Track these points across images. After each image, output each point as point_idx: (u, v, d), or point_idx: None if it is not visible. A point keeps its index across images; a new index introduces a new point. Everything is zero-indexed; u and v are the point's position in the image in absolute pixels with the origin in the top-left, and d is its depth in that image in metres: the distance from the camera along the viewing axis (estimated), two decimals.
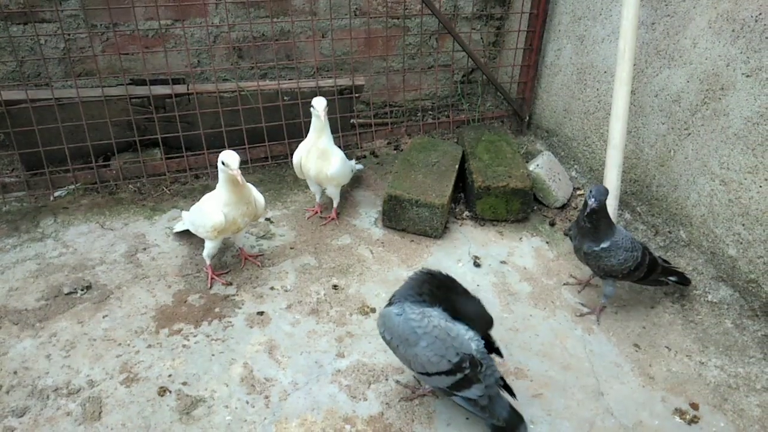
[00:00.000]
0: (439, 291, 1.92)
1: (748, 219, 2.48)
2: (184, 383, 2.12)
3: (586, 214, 2.33)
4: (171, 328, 2.34)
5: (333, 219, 2.99)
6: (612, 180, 2.77)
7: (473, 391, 1.86)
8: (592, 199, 2.28)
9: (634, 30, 2.63)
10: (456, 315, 1.90)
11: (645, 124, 2.92)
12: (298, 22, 3.40)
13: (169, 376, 2.14)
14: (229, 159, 2.29)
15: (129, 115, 2.98)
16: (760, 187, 2.41)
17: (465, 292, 1.93)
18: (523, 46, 3.62)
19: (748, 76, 2.39)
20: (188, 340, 2.29)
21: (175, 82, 3.06)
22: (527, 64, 3.64)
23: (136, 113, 3.00)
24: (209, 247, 2.51)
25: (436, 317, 1.87)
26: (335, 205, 3.03)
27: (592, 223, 2.35)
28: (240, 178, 2.28)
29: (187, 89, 3.02)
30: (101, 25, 3.12)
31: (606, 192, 2.32)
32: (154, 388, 2.09)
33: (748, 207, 2.47)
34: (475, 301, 1.93)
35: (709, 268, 2.68)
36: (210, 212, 2.41)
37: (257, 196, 2.55)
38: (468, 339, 1.87)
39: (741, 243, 2.53)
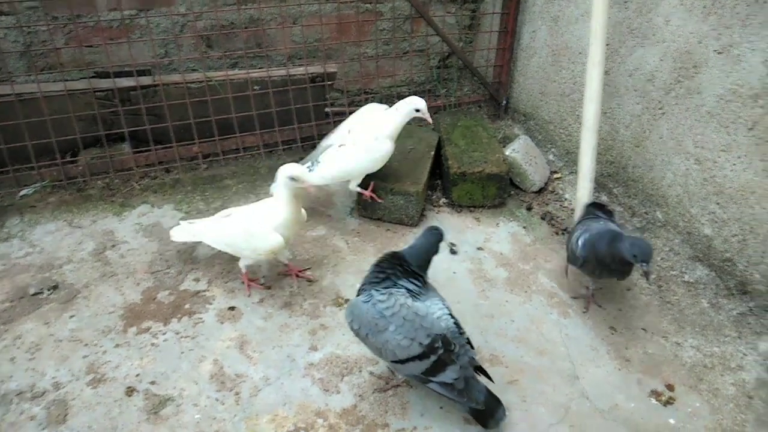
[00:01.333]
0: (396, 258, 1.93)
1: (723, 197, 2.46)
2: (152, 382, 2.07)
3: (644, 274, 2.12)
4: (139, 326, 2.29)
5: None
6: (587, 162, 2.74)
7: (449, 374, 1.83)
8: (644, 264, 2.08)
9: (606, 9, 2.58)
10: (417, 257, 1.94)
11: (620, 105, 2.88)
12: (267, 9, 3.32)
13: (137, 375, 2.09)
14: (300, 172, 2.15)
15: (94, 109, 2.90)
16: (734, 165, 2.39)
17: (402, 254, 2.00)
18: (498, 28, 3.56)
19: (719, 53, 2.35)
20: (157, 338, 2.24)
21: (142, 73, 2.98)
22: (503, 47, 3.59)
23: (101, 107, 2.92)
24: (247, 261, 2.41)
25: (402, 296, 1.84)
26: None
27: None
28: (313, 189, 2.22)
29: (153, 81, 2.94)
30: (63, 17, 3.02)
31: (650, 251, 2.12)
32: (122, 388, 2.04)
33: (723, 185, 2.45)
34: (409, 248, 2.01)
35: (685, 248, 2.67)
36: (265, 234, 2.25)
37: (302, 212, 2.41)
38: (437, 318, 1.85)
39: (716, 222, 2.51)
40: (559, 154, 3.39)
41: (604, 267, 2.23)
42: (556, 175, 3.31)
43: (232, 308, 2.38)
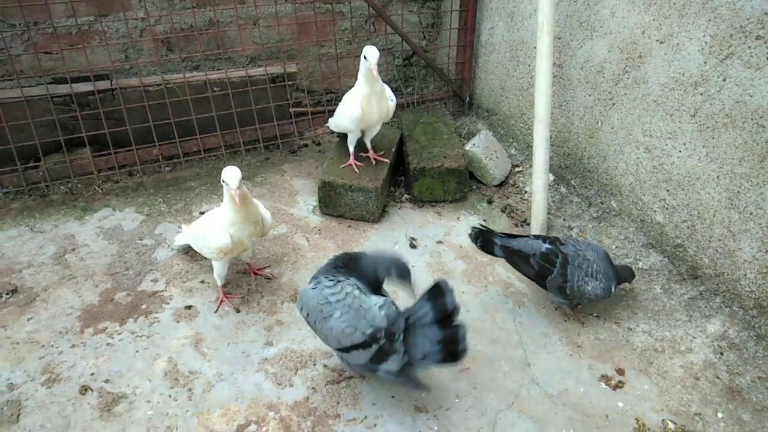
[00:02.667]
0: (351, 261, 1.95)
1: (672, 184, 2.51)
2: (107, 381, 2.08)
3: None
4: (96, 327, 2.30)
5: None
6: (540, 155, 2.78)
7: (390, 364, 1.85)
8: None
9: (552, 3, 2.63)
10: (370, 272, 1.92)
11: (573, 97, 2.93)
12: (226, 11, 3.35)
13: (92, 374, 2.11)
14: (229, 176, 2.07)
15: (53, 115, 2.91)
16: (680, 152, 2.44)
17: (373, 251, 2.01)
18: (457, 25, 3.61)
19: (661, 42, 2.41)
20: (113, 338, 2.26)
21: (99, 78, 3.00)
22: (463, 44, 3.64)
23: (59, 112, 2.93)
24: (218, 268, 2.36)
25: (350, 286, 1.87)
26: (370, 146, 3.04)
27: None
28: (239, 199, 2.08)
29: (111, 85, 2.96)
30: (20, 24, 3.04)
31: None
32: (76, 387, 2.06)
33: (671, 173, 2.50)
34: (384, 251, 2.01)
35: (639, 236, 2.71)
36: (214, 233, 2.24)
37: (264, 213, 2.35)
38: (379, 310, 1.86)
39: (667, 209, 2.56)
40: (520, 148, 3.43)
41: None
42: (517, 169, 3.35)
43: (188, 307, 2.40)
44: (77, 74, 2.98)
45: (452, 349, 1.85)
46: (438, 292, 1.86)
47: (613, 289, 2.30)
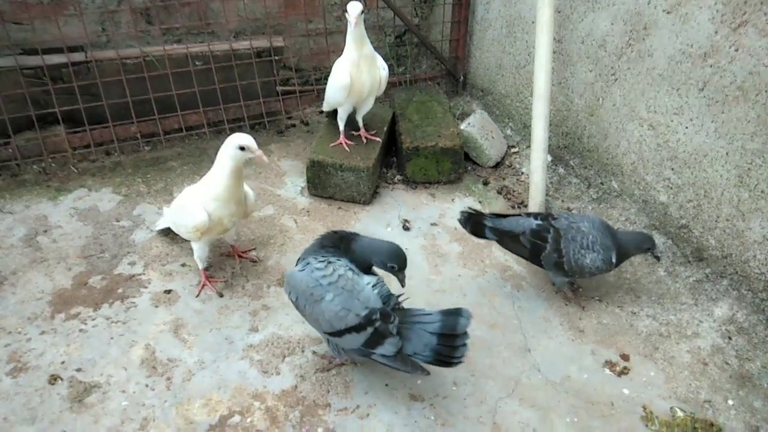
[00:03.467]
0: (342, 241, 1.82)
1: (677, 162, 2.40)
2: (78, 369, 1.94)
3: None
4: (68, 312, 2.15)
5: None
6: (539, 133, 2.66)
7: (387, 348, 1.73)
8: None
9: None
10: (363, 260, 1.81)
11: (573, 74, 2.81)
12: None
13: (62, 363, 1.96)
14: (250, 141, 1.98)
15: (23, 89, 2.73)
16: (686, 128, 2.33)
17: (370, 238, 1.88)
18: (451, 1, 3.46)
19: (668, 12, 2.28)
20: (86, 324, 2.11)
21: (74, 50, 2.82)
22: (458, 20, 3.49)
23: (30, 86, 2.75)
24: (198, 250, 2.20)
25: (342, 267, 1.74)
26: (362, 123, 2.89)
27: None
28: (265, 159, 2.05)
29: (85, 57, 2.78)
30: None
31: None
32: (45, 376, 1.91)
33: (676, 150, 2.39)
34: (382, 240, 1.87)
35: (641, 217, 2.61)
36: (192, 210, 2.07)
37: (247, 191, 2.22)
38: (372, 289, 1.75)
39: (671, 188, 2.45)
40: (516, 128, 3.31)
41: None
42: (513, 150, 3.23)
43: (168, 291, 2.25)
44: (49, 46, 2.79)
45: (444, 359, 1.73)
46: (456, 312, 1.74)
47: (613, 260, 2.13)
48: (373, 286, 1.74)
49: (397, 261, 1.80)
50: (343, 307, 1.70)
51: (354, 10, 2.46)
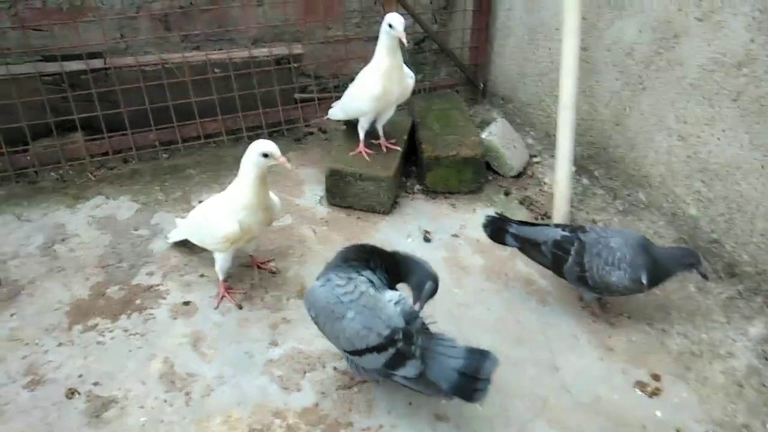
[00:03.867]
0: (367, 254, 1.78)
1: (708, 175, 2.33)
2: (96, 383, 1.90)
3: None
4: (86, 323, 2.12)
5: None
6: (565, 142, 2.59)
7: (409, 369, 1.67)
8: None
9: None
10: (392, 274, 1.78)
11: (599, 82, 2.74)
12: None
13: (80, 376, 1.92)
14: (273, 148, 1.97)
15: (42, 95, 2.71)
16: (718, 139, 2.26)
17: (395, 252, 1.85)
18: (472, 7, 3.41)
19: (700, 20, 2.22)
20: (104, 335, 2.07)
21: (92, 57, 2.80)
22: (478, 27, 3.44)
23: (49, 93, 2.73)
24: (221, 261, 2.16)
25: (364, 283, 1.69)
26: (382, 132, 2.85)
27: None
28: (289, 165, 2.04)
29: (104, 63, 2.76)
30: None
31: None
32: (62, 390, 1.87)
33: (707, 162, 2.32)
34: (413, 257, 1.84)
35: (670, 231, 2.53)
36: (222, 219, 2.05)
37: (273, 198, 2.21)
38: (395, 307, 1.70)
39: (701, 201, 2.38)
40: (538, 137, 3.25)
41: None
42: (535, 159, 3.17)
43: (186, 303, 2.21)
44: (68, 52, 2.78)
45: (462, 395, 1.67)
46: (482, 353, 1.68)
47: (643, 280, 2.02)
48: (395, 303, 1.68)
49: (434, 283, 1.80)
50: (364, 326, 1.65)
51: (400, 22, 2.41)
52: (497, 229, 2.28)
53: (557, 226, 2.23)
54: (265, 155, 1.98)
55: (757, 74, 2.06)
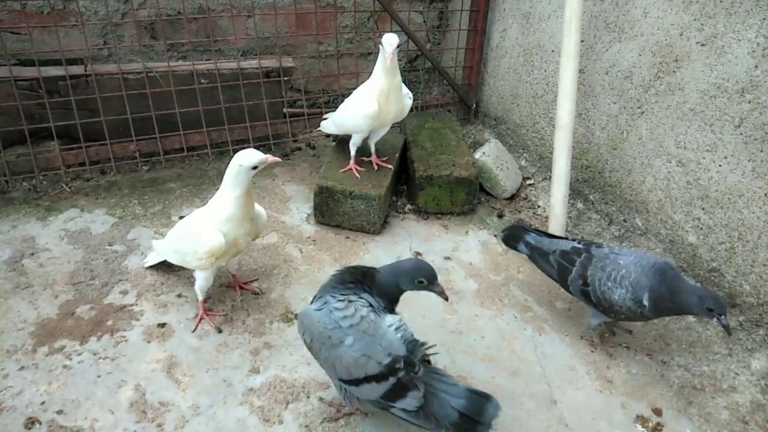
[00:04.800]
0: (366, 277, 1.65)
1: (708, 202, 2.27)
2: (60, 412, 1.74)
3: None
4: (52, 345, 1.96)
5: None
6: (561, 164, 2.53)
7: (410, 401, 1.55)
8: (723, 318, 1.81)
9: None
10: (389, 287, 1.64)
11: (595, 105, 2.69)
12: None
13: (42, 403, 1.76)
14: (258, 157, 1.88)
15: (17, 101, 2.57)
16: (720, 166, 2.20)
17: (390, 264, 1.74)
18: (467, 27, 3.37)
19: (702, 45, 2.18)
20: (71, 359, 1.92)
21: (72, 63, 2.68)
22: (472, 47, 3.40)
23: (24, 99, 2.60)
24: (202, 279, 2.03)
25: (364, 307, 1.57)
26: (374, 149, 2.77)
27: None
28: (277, 158, 1.98)
29: (85, 70, 2.64)
30: None
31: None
32: (21, 419, 1.71)
33: (708, 189, 2.26)
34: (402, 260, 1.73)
35: (668, 258, 2.46)
36: (205, 233, 1.93)
37: (259, 210, 2.10)
38: (395, 332, 1.58)
39: (701, 229, 2.32)
40: (531, 159, 3.18)
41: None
42: (528, 182, 3.10)
43: (162, 325, 2.07)
44: (47, 57, 2.65)
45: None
46: (484, 396, 1.59)
47: (645, 301, 1.89)
48: (396, 329, 1.57)
49: (424, 274, 1.62)
50: (363, 353, 1.53)
51: (391, 42, 2.34)
52: (514, 235, 2.30)
53: (574, 239, 2.18)
54: (255, 167, 1.89)
55: (761, 101, 2.02)
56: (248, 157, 1.88)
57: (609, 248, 2.07)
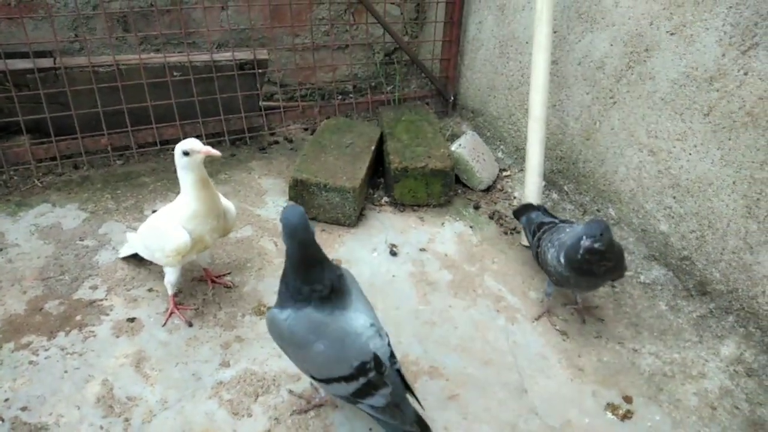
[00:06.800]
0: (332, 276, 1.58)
1: (679, 191, 2.28)
2: (24, 408, 1.72)
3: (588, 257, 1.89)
4: (18, 341, 1.93)
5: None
6: (535, 155, 2.53)
7: (378, 399, 1.55)
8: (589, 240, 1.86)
9: None
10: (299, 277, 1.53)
11: (569, 96, 2.70)
12: None
13: (6, 400, 1.74)
14: (192, 144, 1.80)
15: None
16: (690, 155, 2.22)
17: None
18: (443, 19, 3.36)
19: (672, 33, 2.19)
20: (37, 355, 1.89)
21: (41, 56, 2.64)
22: (449, 39, 3.39)
23: None
24: (170, 274, 2.01)
25: (331, 308, 1.54)
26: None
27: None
28: (215, 151, 1.80)
29: (54, 63, 2.60)
30: None
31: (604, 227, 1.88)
32: None
33: (678, 177, 2.28)
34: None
35: (640, 247, 2.48)
36: (170, 231, 1.91)
37: (227, 205, 2.05)
38: (368, 334, 1.56)
39: (672, 217, 2.33)
40: (508, 151, 3.19)
41: (588, 273, 1.96)
42: (505, 173, 3.10)
43: (131, 320, 2.05)
44: (14, 50, 2.61)
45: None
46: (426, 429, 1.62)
47: (561, 258, 1.97)
48: (368, 328, 1.55)
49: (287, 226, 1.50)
50: (334, 355, 1.51)
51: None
52: (523, 208, 2.47)
53: (563, 221, 2.27)
54: (186, 153, 1.83)
55: (728, 89, 2.03)
56: (182, 143, 1.84)
57: (575, 223, 2.19)
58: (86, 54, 2.82)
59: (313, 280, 1.52)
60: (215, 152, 1.82)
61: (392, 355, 1.61)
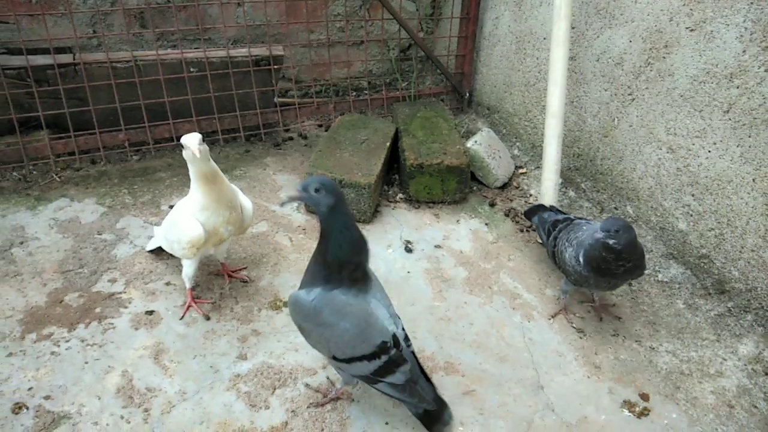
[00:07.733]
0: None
1: (698, 188, 2.26)
2: (47, 397, 1.75)
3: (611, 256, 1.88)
4: (40, 332, 1.96)
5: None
6: (552, 152, 2.52)
7: (398, 376, 1.60)
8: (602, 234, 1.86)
9: None
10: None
11: (587, 93, 2.68)
12: None
13: (29, 389, 1.77)
14: (185, 139, 1.80)
15: (5, 90, 2.56)
16: (709, 152, 2.20)
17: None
18: (459, 14, 3.35)
19: (692, 30, 2.17)
20: (58, 345, 1.92)
21: (61, 51, 2.67)
22: (465, 35, 3.38)
23: (12, 88, 2.59)
24: (188, 267, 2.03)
25: (349, 295, 1.57)
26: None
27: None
28: (197, 150, 1.76)
29: (74, 59, 2.63)
30: None
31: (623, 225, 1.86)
32: (8, 404, 1.72)
33: (698, 175, 2.26)
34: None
35: (658, 245, 2.46)
36: (184, 223, 1.92)
37: (244, 201, 2.06)
38: (386, 315, 1.62)
39: (691, 215, 2.31)
40: (524, 148, 3.18)
41: (607, 273, 1.95)
42: (521, 170, 3.10)
43: (150, 312, 2.07)
44: (35, 46, 2.64)
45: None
46: (444, 406, 1.69)
47: (580, 258, 1.96)
48: (387, 308, 1.61)
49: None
50: (357, 335, 1.56)
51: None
52: (535, 209, 2.46)
53: (577, 217, 2.27)
54: (183, 147, 1.83)
55: (749, 86, 2.01)
56: (184, 136, 1.83)
57: (591, 220, 2.17)
58: (104, 50, 2.85)
59: (362, 244, 1.61)
60: (196, 153, 1.78)
61: (406, 338, 1.66)
